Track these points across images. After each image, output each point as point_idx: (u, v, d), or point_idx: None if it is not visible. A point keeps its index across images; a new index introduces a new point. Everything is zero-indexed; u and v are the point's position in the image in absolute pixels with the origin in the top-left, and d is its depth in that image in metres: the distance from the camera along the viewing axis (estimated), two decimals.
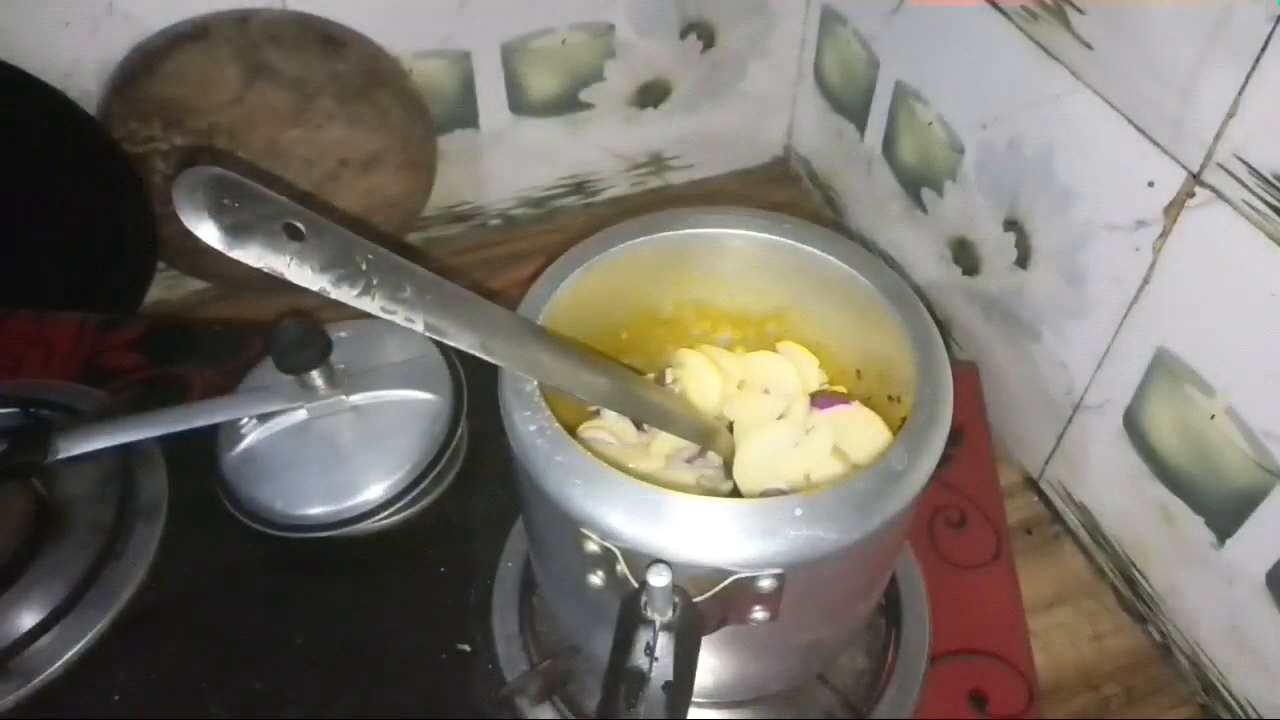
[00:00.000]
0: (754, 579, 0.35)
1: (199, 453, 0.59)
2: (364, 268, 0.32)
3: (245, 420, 0.60)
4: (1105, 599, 0.69)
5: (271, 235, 0.29)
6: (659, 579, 0.34)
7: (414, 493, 0.59)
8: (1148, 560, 0.66)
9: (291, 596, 0.59)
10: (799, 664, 0.49)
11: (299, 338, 0.57)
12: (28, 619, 0.54)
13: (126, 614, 0.56)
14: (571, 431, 0.43)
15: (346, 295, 0.31)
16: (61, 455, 0.54)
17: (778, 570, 0.35)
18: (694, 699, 0.36)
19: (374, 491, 0.58)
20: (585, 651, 0.50)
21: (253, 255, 0.29)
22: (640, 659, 0.34)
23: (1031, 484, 0.76)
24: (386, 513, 0.58)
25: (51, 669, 0.54)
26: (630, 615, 0.35)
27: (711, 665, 0.43)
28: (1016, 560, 0.67)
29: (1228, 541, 0.59)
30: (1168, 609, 0.66)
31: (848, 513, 0.36)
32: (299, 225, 0.30)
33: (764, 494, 0.45)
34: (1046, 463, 0.74)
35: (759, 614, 0.37)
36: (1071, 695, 0.64)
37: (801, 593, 0.37)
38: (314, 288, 0.30)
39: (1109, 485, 0.68)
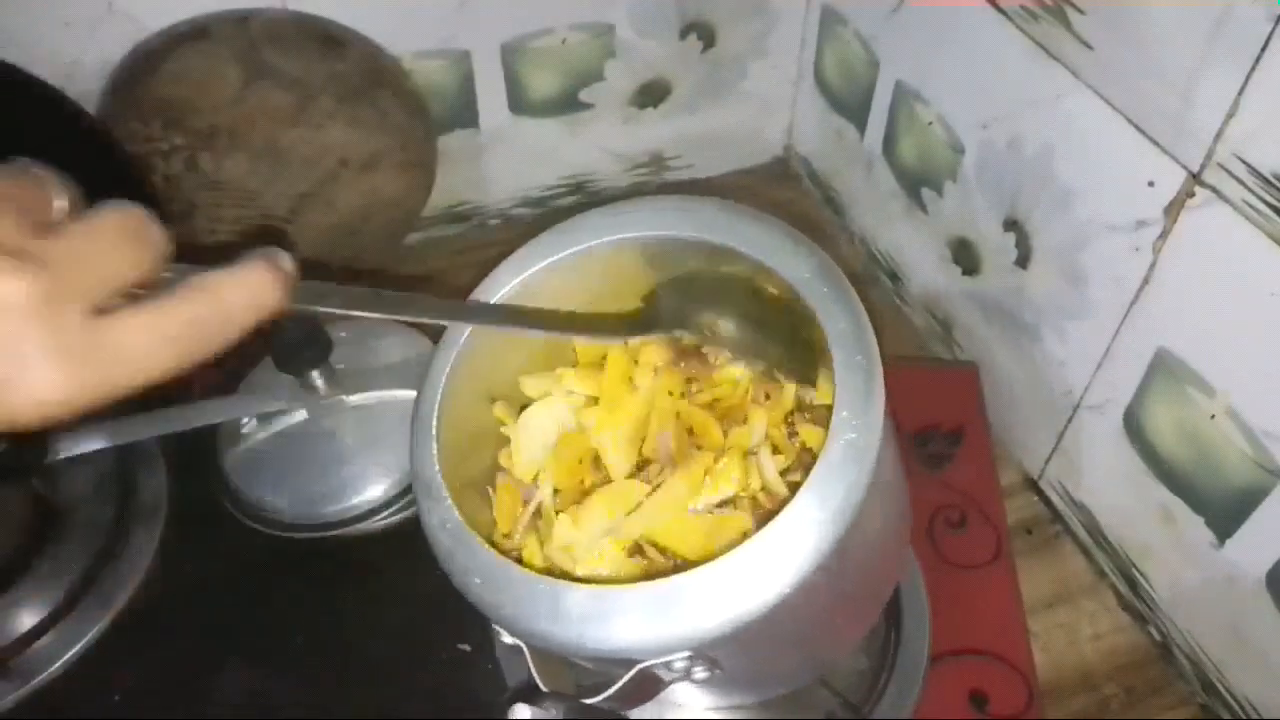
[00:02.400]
0: (666, 663, 0.34)
1: (199, 453, 0.59)
2: None
3: (245, 420, 0.60)
4: (1105, 599, 0.69)
5: None
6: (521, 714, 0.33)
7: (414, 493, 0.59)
8: (1148, 560, 0.66)
9: (291, 596, 0.59)
10: (802, 673, 0.49)
11: (299, 338, 0.57)
12: (28, 619, 0.55)
13: (126, 614, 0.56)
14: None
15: None
16: (61, 455, 0.54)
17: (685, 653, 0.33)
18: (693, 705, 0.36)
19: (374, 491, 0.58)
20: None
21: None
22: None
23: (1031, 484, 0.76)
24: (386, 513, 0.58)
25: (51, 669, 0.54)
26: None
27: (704, 690, 0.42)
28: (1016, 560, 0.67)
29: (1228, 541, 0.59)
30: (1168, 609, 0.66)
31: (755, 580, 0.32)
32: None
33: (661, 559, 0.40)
34: (1046, 463, 0.74)
35: (699, 674, 0.35)
36: (1071, 695, 0.64)
37: (746, 644, 0.35)
38: None
39: (1109, 485, 0.68)
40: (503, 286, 0.43)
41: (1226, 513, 0.59)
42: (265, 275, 0.30)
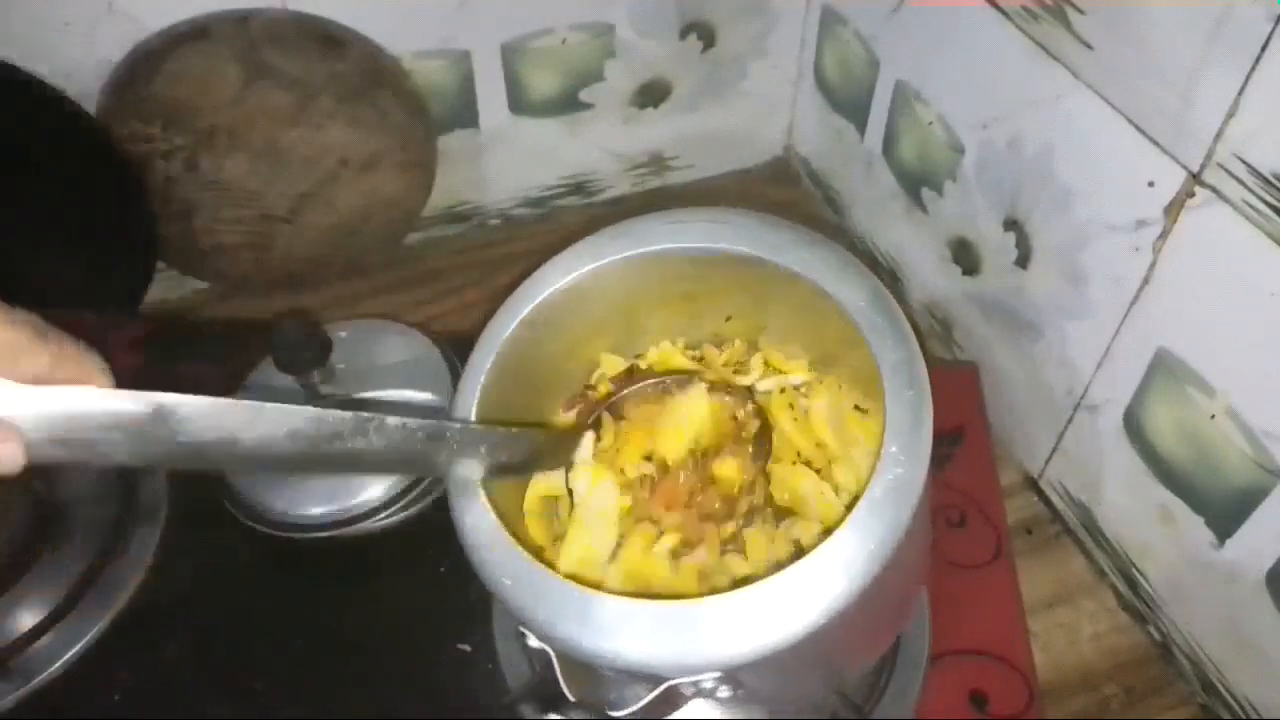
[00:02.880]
0: (694, 682, 0.33)
1: None
2: None
3: None
4: (1105, 599, 0.69)
5: None
6: None
7: (414, 493, 0.59)
8: (1148, 560, 0.66)
9: (291, 596, 0.59)
10: (819, 691, 0.48)
11: (299, 338, 0.57)
12: (28, 619, 0.55)
13: (126, 614, 0.56)
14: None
15: None
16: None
17: (714, 674, 0.33)
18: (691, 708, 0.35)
19: (374, 491, 0.58)
20: None
21: None
22: None
23: (1031, 484, 0.76)
24: (386, 513, 0.58)
25: (51, 669, 0.54)
26: None
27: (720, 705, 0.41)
28: (1016, 560, 0.67)
29: (1228, 541, 0.59)
30: (1168, 609, 0.66)
31: (791, 606, 0.32)
32: None
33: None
34: (1046, 463, 0.74)
35: (723, 692, 0.35)
36: (1071, 695, 0.64)
37: (767, 669, 0.34)
38: None
39: (1109, 485, 0.68)
40: (550, 285, 0.43)
41: (1226, 513, 0.59)
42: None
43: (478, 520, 0.37)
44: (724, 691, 0.34)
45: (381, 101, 0.76)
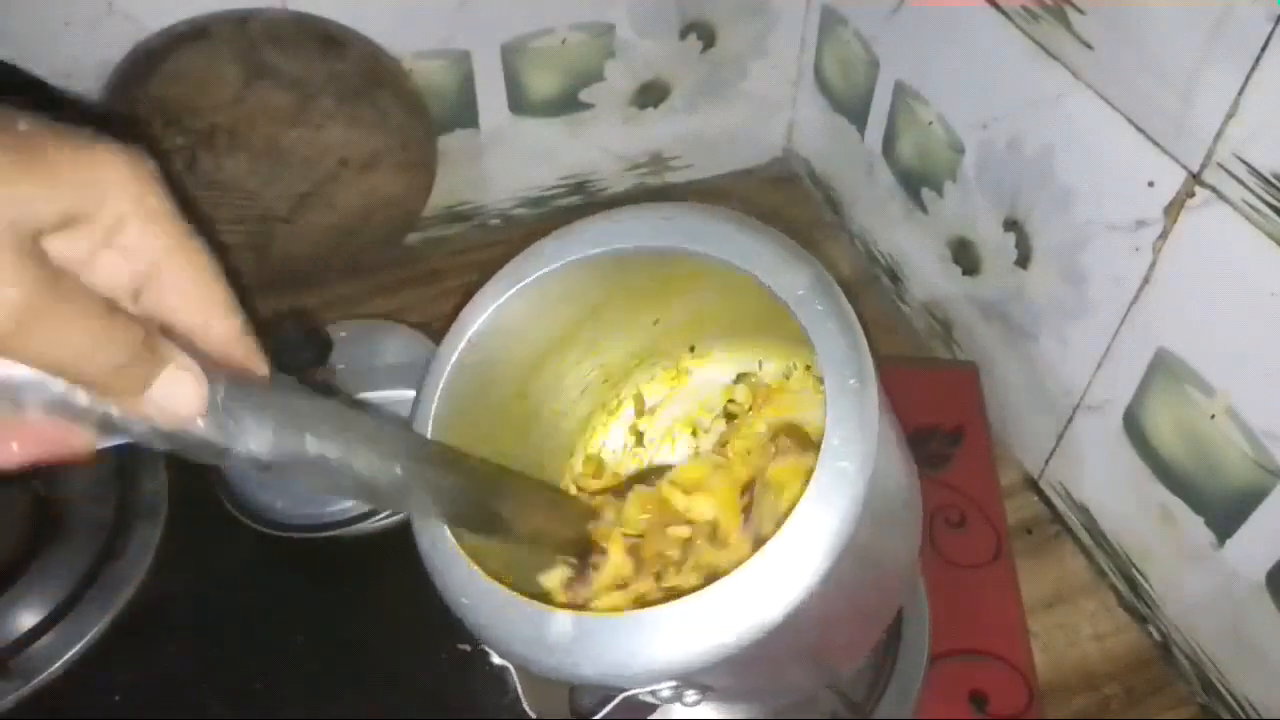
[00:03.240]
0: (651, 691, 0.33)
1: None
2: None
3: None
4: (1105, 599, 0.69)
5: None
6: None
7: None
8: (1148, 560, 0.66)
9: (291, 596, 0.59)
10: (805, 686, 0.48)
11: (299, 338, 0.57)
12: (28, 619, 0.55)
13: (126, 614, 0.56)
14: None
15: None
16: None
17: (671, 683, 0.33)
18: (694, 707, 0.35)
19: None
20: None
21: None
22: None
23: (1031, 484, 0.76)
24: (386, 513, 0.58)
25: (51, 669, 0.54)
26: None
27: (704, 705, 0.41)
28: (1016, 560, 0.67)
29: (1228, 541, 0.59)
30: (1168, 609, 0.66)
31: (741, 608, 0.31)
32: None
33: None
34: (1046, 463, 0.74)
35: (690, 698, 0.35)
36: (1071, 695, 0.63)
37: (736, 672, 0.34)
38: None
39: (1109, 485, 0.68)
40: (490, 304, 0.43)
41: (1226, 513, 0.59)
42: (194, 389, 0.26)
43: (435, 539, 0.37)
44: (690, 696, 0.34)
45: (381, 101, 0.76)
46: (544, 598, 0.38)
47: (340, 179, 0.75)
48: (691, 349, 0.52)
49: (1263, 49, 0.48)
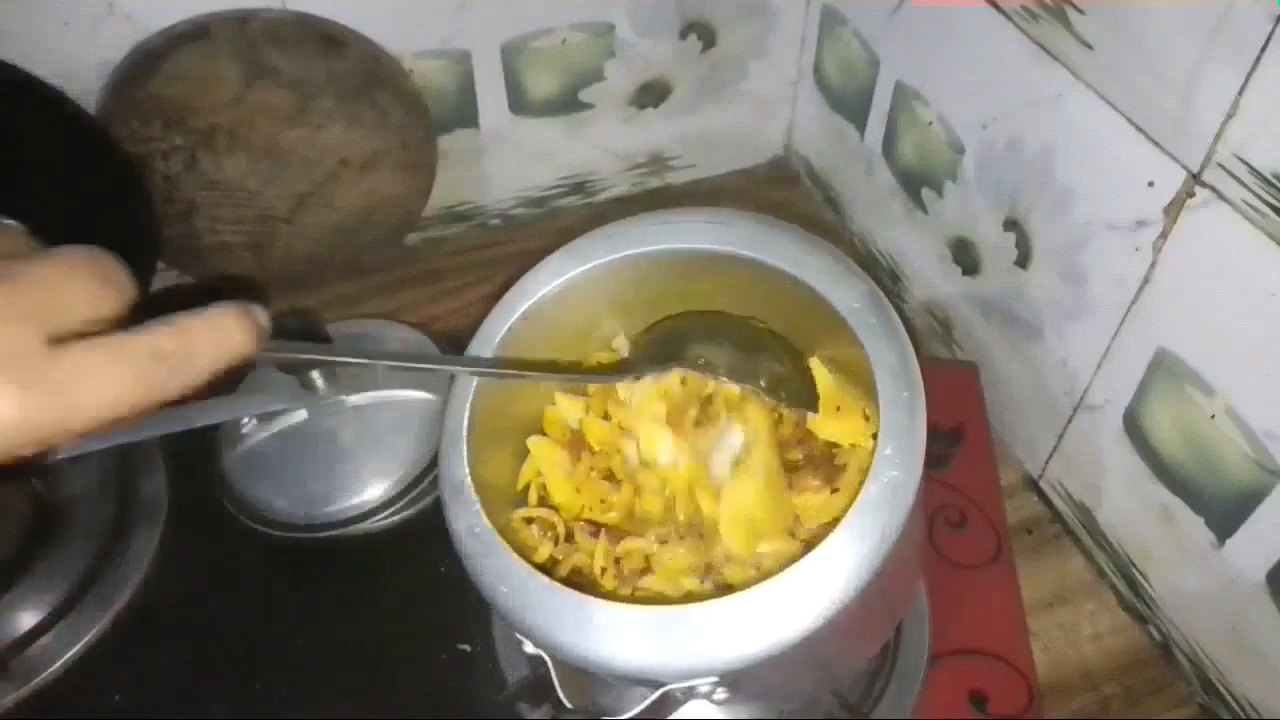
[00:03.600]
0: (690, 686, 0.33)
1: (199, 453, 0.59)
2: None
3: (245, 420, 0.60)
4: (1105, 599, 0.69)
5: None
6: None
7: (414, 493, 0.59)
8: (1148, 560, 0.66)
9: (291, 596, 0.59)
10: (814, 689, 0.48)
11: (299, 338, 0.57)
12: (28, 619, 0.55)
13: (126, 614, 0.56)
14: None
15: None
16: (61, 455, 0.54)
17: (711, 679, 0.33)
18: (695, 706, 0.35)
19: (374, 491, 0.58)
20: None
21: None
22: None
23: (1031, 484, 0.76)
24: (386, 513, 0.58)
25: (51, 669, 0.54)
26: None
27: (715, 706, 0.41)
28: (1016, 560, 0.67)
29: (1228, 541, 0.59)
30: (1168, 609, 0.66)
31: (788, 609, 0.32)
32: None
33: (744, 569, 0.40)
34: (1046, 463, 0.74)
35: (720, 695, 0.35)
36: (1071, 695, 0.63)
37: (770, 672, 0.35)
38: None
39: (1109, 485, 0.68)
40: (543, 286, 0.43)
41: (1226, 513, 0.59)
42: (236, 321, 0.30)
43: (472, 525, 0.37)
44: (720, 694, 0.34)
45: (381, 101, 0.76)
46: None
47: (340, 179, 0.75)
48: None
49: (1263, 49, 0.48)
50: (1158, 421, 0.62)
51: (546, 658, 0.34)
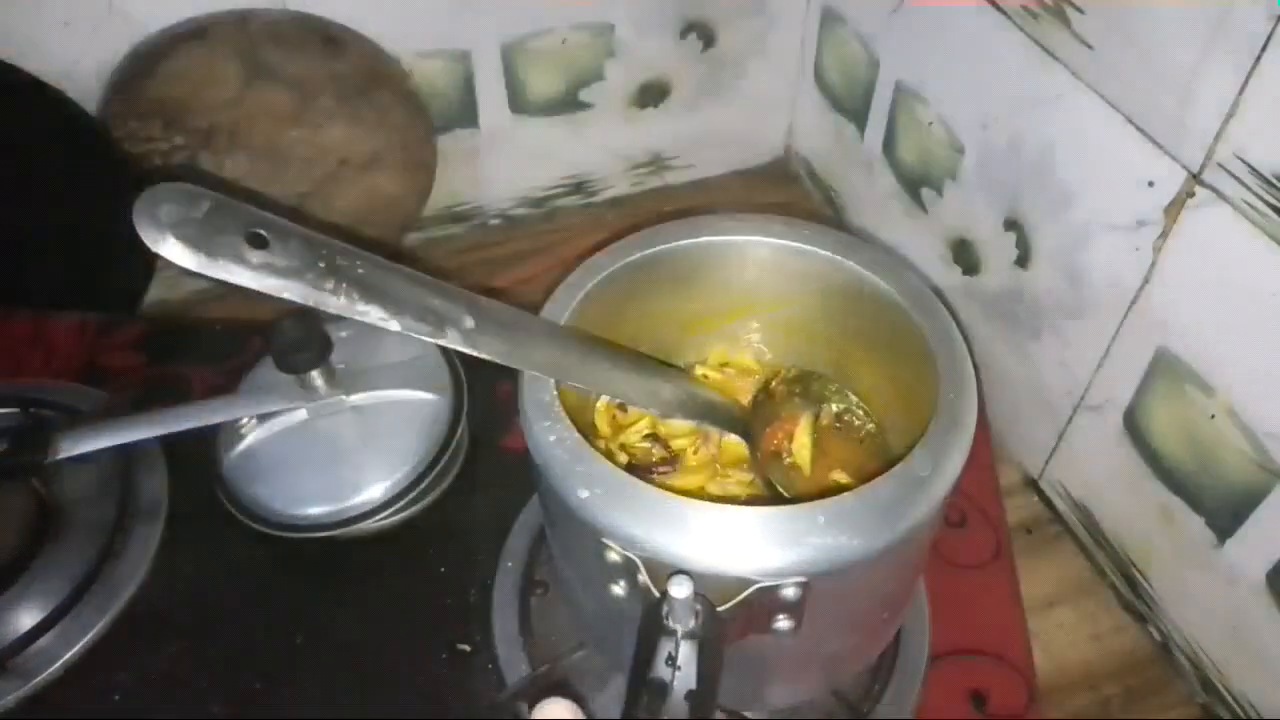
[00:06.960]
0: (777, 588, 0.35)
1: (199, 453, 0.59)
2: (334, 269, 0.32)
3: (245, 420, 0.60)
4: (1105, 599, 0.69)
5: (235, 247, 0.29)
6: (680, 590, 0.33)
7: (414, 493, 0.59)
8: (1148, 560, 0.66)
9: (291, 596, 0.58)
10: (819, 678, 0.49)
11: (299, 338, 0.57)
12: (28, 619, 0.54)
13: (126, 614, 0.56)
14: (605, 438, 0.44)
15: (321, 302, 0.31)
16: (61, 455, 0.54)
17: (801, 579, 0.35)
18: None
19: (374, 491, 0.58)
20: (601, 650, 0.49)
21: (219, 270, 0.29)
22: (662, 669, 0.33)
23: (1031, 484, 0.76)
24: (386, 513, 0.58)
25: (51, 669, 0.54)
26: (652, 625, 0.34)
27: (728, 682, 0.42)
28: (1016, 560, 0.67)
29: (1228, 541, 0.59)
30: (1168, 609, 0.66)
31: (872, 519, 0.35)
32: (263, 234, 0.30)
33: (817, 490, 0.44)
34: (1046, 463, 0.74)
35: (782, 623, 0.37)
36: (1071, 695, 0.64)
37: (826, 601, 0.37)
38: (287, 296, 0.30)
39: (1109, 485, 0.68)
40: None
41: (1226, 513, 0.59)
42: None
43: (561, 436, 0.38)
44: (784, 623, 0.36)
45: (381, 101, 0.76)
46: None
47: (340, 179, 0.75)
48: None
49: (1263, 49, 0.48)
50: (1158, 421, 0.62)
51: (637, 560, 0.35)
